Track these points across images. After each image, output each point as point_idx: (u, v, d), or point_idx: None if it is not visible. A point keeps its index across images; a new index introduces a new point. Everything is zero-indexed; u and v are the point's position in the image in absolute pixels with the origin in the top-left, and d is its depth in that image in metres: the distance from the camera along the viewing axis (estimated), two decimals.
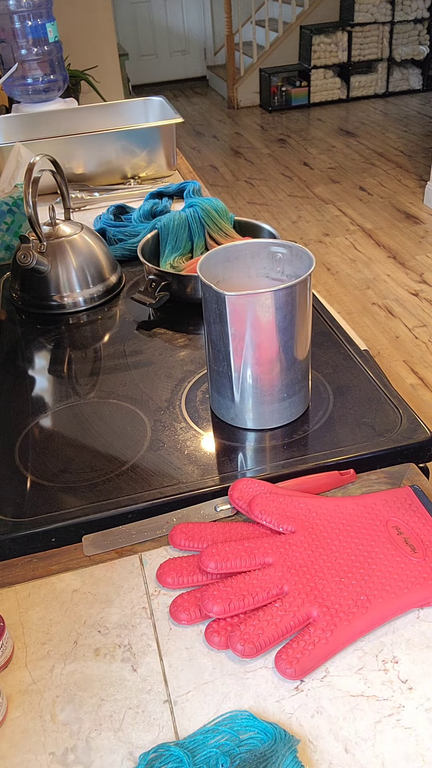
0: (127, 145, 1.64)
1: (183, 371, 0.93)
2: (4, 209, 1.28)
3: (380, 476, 0.73)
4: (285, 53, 5.96)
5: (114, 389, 0.91)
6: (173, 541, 0.65)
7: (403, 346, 2.65)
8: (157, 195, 1.47)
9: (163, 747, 0.49)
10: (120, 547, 0.67)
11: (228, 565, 0.60)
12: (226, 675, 0.55)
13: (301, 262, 0.78)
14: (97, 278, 1.13)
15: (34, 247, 1.08)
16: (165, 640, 0.58)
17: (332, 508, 0.66)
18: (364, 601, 0.57)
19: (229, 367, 0.76)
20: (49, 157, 1.12)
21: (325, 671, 0.54)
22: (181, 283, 1.06)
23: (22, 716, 0.53)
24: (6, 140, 1.82)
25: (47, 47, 2.27)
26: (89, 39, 3.64)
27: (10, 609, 0.62)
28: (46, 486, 0.75)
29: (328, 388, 0.87)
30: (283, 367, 0.76)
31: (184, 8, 6.59)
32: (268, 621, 0.56)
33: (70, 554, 0.67)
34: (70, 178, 1.64)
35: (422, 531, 0.64)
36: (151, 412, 0.85)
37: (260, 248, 0.81)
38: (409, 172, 4.36)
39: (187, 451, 0.78)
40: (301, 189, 4.25)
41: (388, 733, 0.50)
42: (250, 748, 0.49)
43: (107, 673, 0.56)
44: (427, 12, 5.87)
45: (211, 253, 0.79)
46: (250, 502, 0.66)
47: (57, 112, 1.92)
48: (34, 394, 0.92)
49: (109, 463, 0.77)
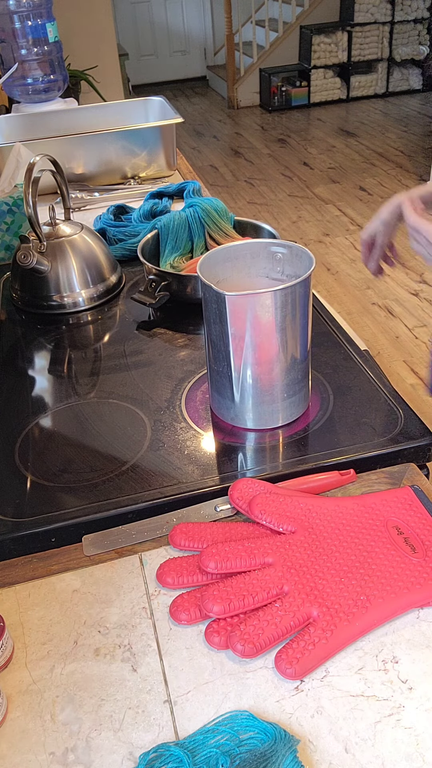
0: (127, 145, 1.64)
1: (183, 371, 0.93)
2: (4, 209, 1.28)
3: (380, 476, 0.73)
4: (285, 53, 5.96)
5: (114, 389, 0.91)
6: (173, 541, 0.65)
7: (403, 346, 2.65)
8: (157, 195, 1.47)
9: (163, 747, 0.49)
10: (120, 547, 0.67)
11: (228, 565, 0.60)
12: (226, 675, 0.55)
13: (301, 262, 0.78)
14: (97, 278, 1.13)
15: (34, 247, 1.08)
16: (165, 640, 0.58)
17: (332, 508, 0.66)
18: (364, 601, 0.57)
19: (229, 367, 0.76)
20: (49, 157, 1.12)
21: (325, 671, 0.54)
22: (181, 283, 1.06)
23: (22, 716, 0.53)
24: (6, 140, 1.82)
25: (47, 47, 2.27)
26: (89, 39, 3.64)
27: (10, 609, 0.62)
28: (46, 486, 0.75)
29: (328, 388, 0.87)
30: (283, 367, 0.76)
31: (184, 8, 6.59)
32: (268, 621, 0.56)
33: (70, 554, 0.67)
34: (70, 178, 1.64)
35: (422, 531, 0.64)
36: (151, 412, 0.85)
37: (260, 248, 0.81)
38: (409, 172, 4.36)
39: (187, 451, 0.78)
40: (301, 189, 4.25)
41: (388, 733, 0.50)
42: (250, 748, 0.49)
43: (107, 673, 0.56)
44: (427, 12, 5.87)
45: (211, 253, 0.79)
46: (250, 502, 0.66)
47: (57, 112, 1.91)
48: (34, 394, 0.92)
49: (109, 463, 0.77)
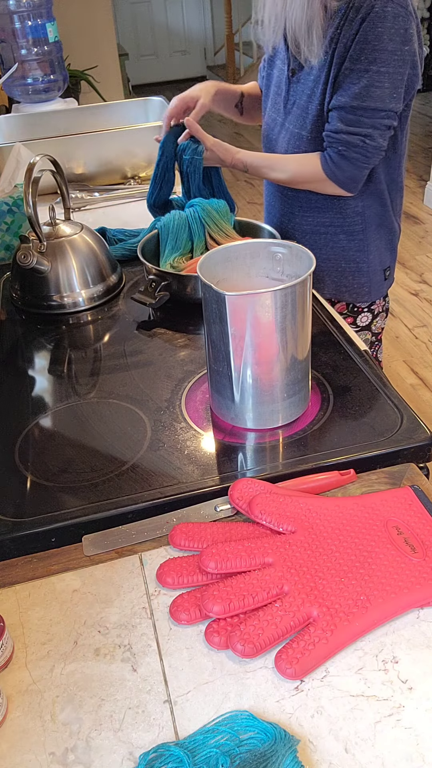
0: (127, 145, 1.64)
1: (183, 371, 0.93)
2: (4, 209, 1.28)
3: (380, 476, 0.73)
4: None
5: (114, 389, 0.91)
6: (173, 541, 0.65)
7: (403, 346, 2.65)
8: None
9: (163, 747, 0.49)
10: (120, 547, 0.67)
11: (228, 565, 0.60)
12: (226, 675, 0.55)
13: (301, 262, 0.78)
14: (97, 278, 1.13)
15: (34, 247, 1.08)
16: (165, 640, 0.58)
17: (332, 508, 0.66)
18: (364, 601, 0.57)
19: (229, 367, 0.76)
20: (49, 157, 1.12)
21: (325, 671, 0.54)
22: (181, 283, 1.06)
23: (22, 716, 0.53)
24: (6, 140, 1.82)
25: (47, 47, 2.27)
26: (89, 39, 3.63)
27: (10, 609, 0.62)
28: (46, 486, 0.75)
29: (328, 388, 0.87)
30: (283, 367, 0.76)
31: (184, 8, 6.59)
32: (268, 621, 0.56)
33: (70, 554, 0.67)
34: (70, 178, 1.64)
35: (422, 531, 0.64)
36: (151, 412, 0.85)
37: (260, 248, 0.81)
38: (409, 172, 4.37)
39: (187, 451, 0.78)
40: None
41: (388, 733, 0.50)
42: (250, 748, 0.49)
43: (107, 673, 0.56)
44: (427, 12, 5.86)
45: (211, 253, 0.79)
46: (250, 502, 0.66)
47: (57, 112, 1.92)
48: (34, 394, 0.92)
49: (109, 463, 0.77)
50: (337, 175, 1.11)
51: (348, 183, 1.13)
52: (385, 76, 1.02)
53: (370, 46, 1.01)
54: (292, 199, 1.23)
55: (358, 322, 1.34)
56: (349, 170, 1.10)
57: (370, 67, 1.02)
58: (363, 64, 1.02)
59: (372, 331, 1.36)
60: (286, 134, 1.19)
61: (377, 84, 1.03)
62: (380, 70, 1.02)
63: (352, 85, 1.04)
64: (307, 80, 1.12)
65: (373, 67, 1.02)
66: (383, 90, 1.03)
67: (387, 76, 1.02)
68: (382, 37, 1.00)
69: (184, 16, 6.65)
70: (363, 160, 1.09)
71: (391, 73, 1.02)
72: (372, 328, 1.36)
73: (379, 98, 1.04)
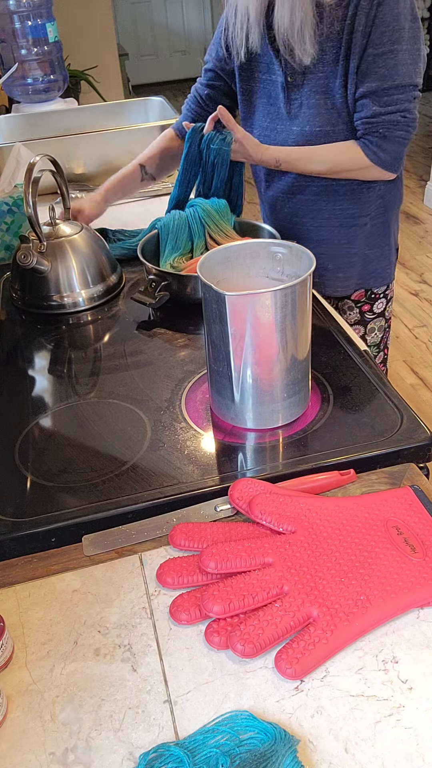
0: (127, 145, 1.64)
1: (183, 371, 0.93)
2: (4, 209, 1.28)
3: (380, 476, 0.73)
4: None
5: (114, 389, 0.91)
6: (173, 541, 0.65)
7: (403, 346, 2.65)
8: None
9: (163, 747, 0.49)
10: (120, 547, 0.67)
11: (228, 565, 0.60)
12: (226, 675, 0.55)
13: (301, 262, 0.78)
14: (97, 278, 1.13)
15: (34, 247, 1.08)
16: (165, 640, 0.58)
17: (332, 508, 0.66)
18: (364, 601, 0.57)
19: (229, 367, 0.76)
20: (49, 157, 1.12)
21: (325, 671, 0.54)
22: (181, 283, 1.06)
23: (22, 716, 0.53)
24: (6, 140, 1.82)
25: (47, 47, 2.28)
26: (89, 39, 3.63)
27: (10, 609, 0.62)
28: (46, 486, 0.75)
29: (328, 388, 0.87)
30: (283, 367, 0.76)
31: (184, 8, 6.59)
32: (268, 621, 0.56)
33: (70, 554, 0.67)
34: (70, 178, 1.64)
35: (422, 531, 0.64)
36: (151, 412, 0.85)
37: (260, 248, 0.81)
38: (409, 172, 4.36)
39: (187, 451, 0.78)
40: None
41: (388, 733, 0.50)
42: (250, 748, 0.49)
43: (107, 673, 0.56)
44: (427, 12, 5.86)
45: (211, 253, 0.79)
46: (250, 502, 0.66)
47: (57, 112, 1.92)
48: (34, 394, 0.92)
49: (109, 463, 0.77)
50: (382, 157, 1.13)
51: (393, 163, 1.15)
52: (407, 53, 1.06)
53: (390, 28, 1.04)
54: (317, 195, 1.23)
55: (375, 309, 1.35)
56: (393, 150, 1.13)
57: (394, 47, 1.05)
58: (387, 46, 1.05)
59: (385, 317, 1.38)
60: (290, 135, 1.18)
61: (402, 62, 1.06)
62: (403, 48, 1.06)
63: (379, 69, 1.06)
64: (316, 79, 1.11)
65: (396, 47, 1.05)
66: (407, 67, 1.07)
67: (408, 53, 1.06)
68: (400, 17, 1.03)
69: (184, 16, 6.65)
70: (405, 135, 1.12)
71: (411, 50, 1.06)
72: (385, 314, 1.37)
73: (406, 74, 1.07)
